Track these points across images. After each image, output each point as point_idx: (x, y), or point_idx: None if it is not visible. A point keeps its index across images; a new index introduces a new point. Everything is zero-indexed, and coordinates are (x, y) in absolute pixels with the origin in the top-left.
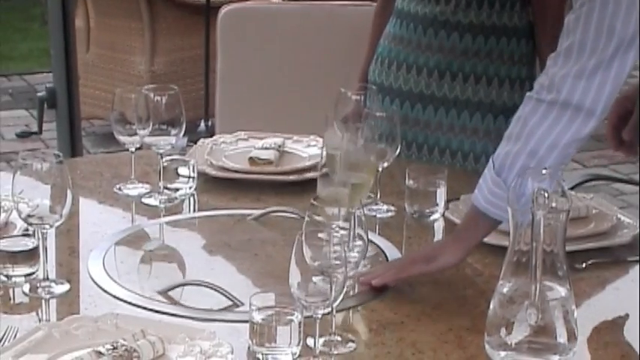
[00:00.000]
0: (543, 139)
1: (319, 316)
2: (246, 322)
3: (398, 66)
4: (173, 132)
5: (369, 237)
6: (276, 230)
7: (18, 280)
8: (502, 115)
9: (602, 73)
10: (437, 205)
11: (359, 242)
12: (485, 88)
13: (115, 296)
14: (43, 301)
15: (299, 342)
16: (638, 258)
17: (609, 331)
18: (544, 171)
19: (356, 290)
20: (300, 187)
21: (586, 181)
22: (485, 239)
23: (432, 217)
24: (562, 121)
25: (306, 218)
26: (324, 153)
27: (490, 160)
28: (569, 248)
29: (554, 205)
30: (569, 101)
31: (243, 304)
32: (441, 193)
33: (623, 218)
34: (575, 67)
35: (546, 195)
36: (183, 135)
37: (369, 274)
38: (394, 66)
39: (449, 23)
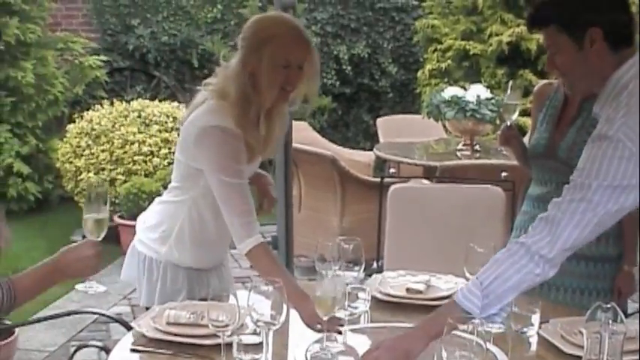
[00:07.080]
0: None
1: None
2: None
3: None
4: (356, 268)
5: (487, 346)
6: None
7: None
8: None
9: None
10: (532, 325)
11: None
12: None
13: None
14: None
15: None
16: None
17: None
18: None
19: None
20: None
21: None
22: (568, 350)
23: (528, 333)
24: (530, 265)
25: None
26: None
27: (476, 278)
28: (624, 358)
29: (615, 328)
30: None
31: None
32: (536, 317)
33: None
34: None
35: (610, 322)
36: (362, 270)
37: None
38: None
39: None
